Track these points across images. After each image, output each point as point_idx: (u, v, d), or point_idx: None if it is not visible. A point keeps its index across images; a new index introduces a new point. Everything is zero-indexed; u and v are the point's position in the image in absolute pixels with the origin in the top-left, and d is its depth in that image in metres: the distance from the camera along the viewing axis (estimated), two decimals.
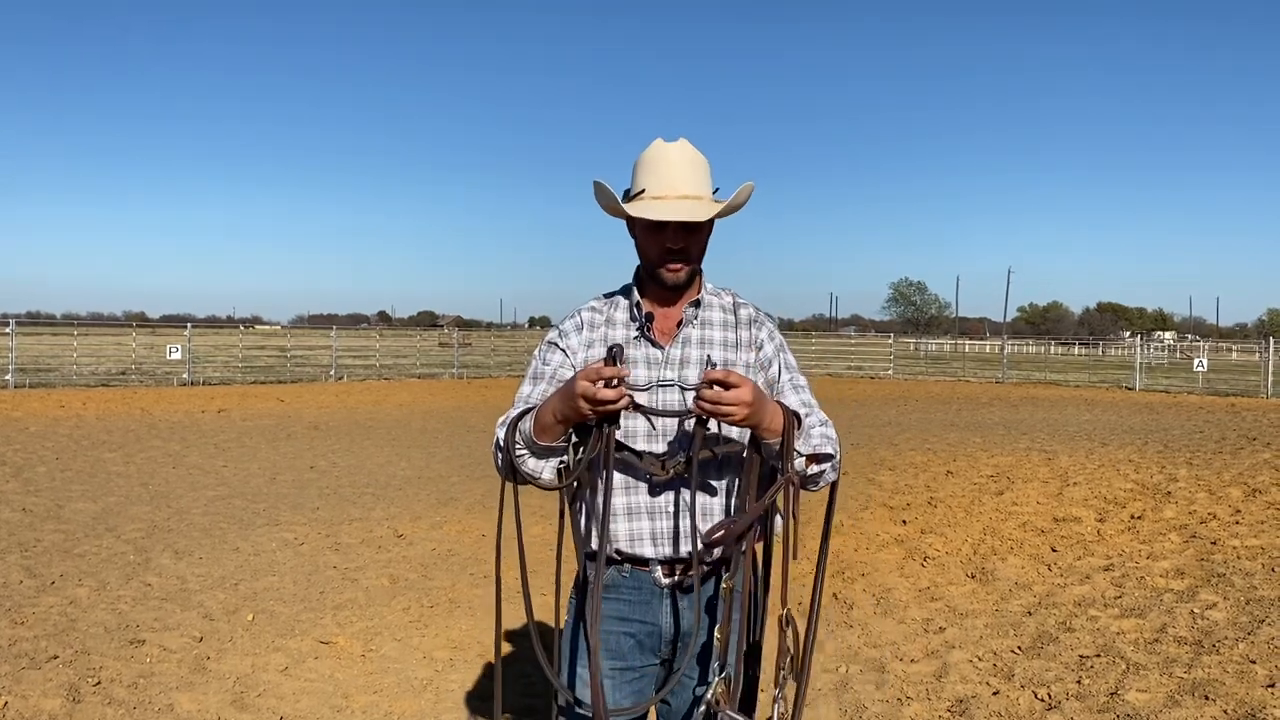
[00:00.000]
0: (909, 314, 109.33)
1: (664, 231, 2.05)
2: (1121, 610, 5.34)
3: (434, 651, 4.90)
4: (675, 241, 2.06)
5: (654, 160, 2.07)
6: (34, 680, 4.24)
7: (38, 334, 37.72)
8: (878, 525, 7.41)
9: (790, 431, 1.96)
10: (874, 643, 5.04)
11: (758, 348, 2.17)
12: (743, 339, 2.17)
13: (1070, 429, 13.74)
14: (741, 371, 2.10)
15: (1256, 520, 7.00)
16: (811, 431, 2.04)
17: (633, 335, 2.14)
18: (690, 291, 2.16)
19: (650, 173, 2.07)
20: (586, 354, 2.15)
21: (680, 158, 2.06)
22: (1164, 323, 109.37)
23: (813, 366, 33.61)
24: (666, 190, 2.04)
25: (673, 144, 2.09)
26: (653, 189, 2.05)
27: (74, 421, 15.07)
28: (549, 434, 1.98)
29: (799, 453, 1.98)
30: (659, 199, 2.04)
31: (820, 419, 2.09)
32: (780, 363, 2.18)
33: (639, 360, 2.11)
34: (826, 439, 2.06)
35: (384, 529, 7.56)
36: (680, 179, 2.05)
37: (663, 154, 2.07)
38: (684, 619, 2.07)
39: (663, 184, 2.05)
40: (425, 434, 14.37)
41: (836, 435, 2.11)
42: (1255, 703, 3.95)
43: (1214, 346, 54.74)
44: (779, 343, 2.21)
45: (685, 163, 2.06)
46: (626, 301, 2.19)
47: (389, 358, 33.50)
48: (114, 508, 8.17)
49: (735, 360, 2.13)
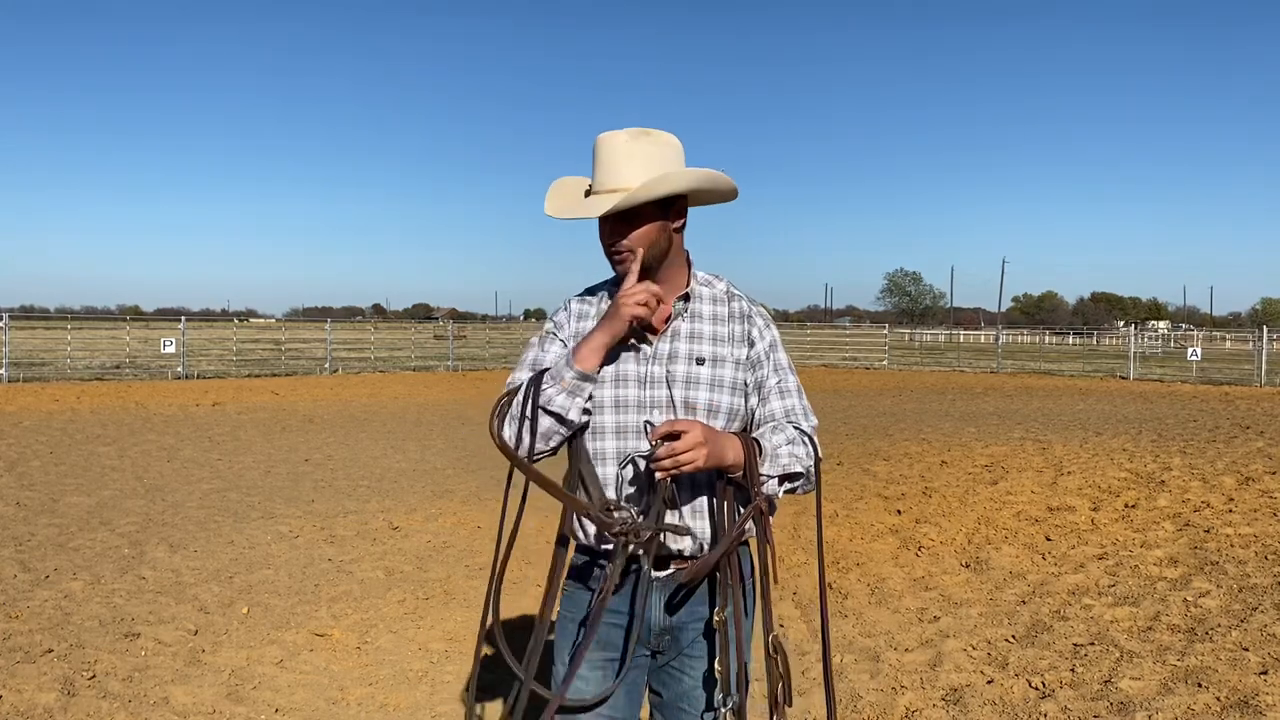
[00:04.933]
0: (904, 304, 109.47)
1: (602, 227, 2.05)
2: (1115, 599, 5.35)
3: (429, 643, 4.90)
4: (609, 237, 2.04)
5: (595, 154, 2.05)
6: (29, 674, 4.24)
7: (31, 328, 37.63)
8: (872, 515, 7.42)
9: (752, 461, 1.95)
10: (869, 632, 5.05)
11: (749, 344, 2.13)
12: (735, 333, 2.13)
13: (1065, 418, 13.76)
14: (730, 367, 2.09)
15: (1250, 508, 7.02)
16: (779, 452, 2.01)
17: None
18: (678, 284, 2.12)
19: (594, 168, 2.06)
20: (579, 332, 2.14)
21: (614, 150, 2.02)
22: (1158, 312, 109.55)
23: (808, 357, 33.63)
24: (601, 184, 2.03)
25: (613, 134, 2.04)
26: (595, 183, 2.05)
27: (68, 415, 15.02)
28: (593, 359, 1.99)
29: (767, 476, 1.97)
30: (596, 194, 2.03)
31: (788, 437, 2.04)
32: (770, 364, 2.14)
33: (626, 355, 2.08)
34: (795, 458, 2.02)
35: (379, 521, 7.55)
36: (608, 172, 2.02)
37: (600, 147, 2.04)
38: (673, 613, 2.07)
39: (600, 178, 2.03)
40: (420, 426, 14.36)
41: (811, 447, 2.07)
42: (1248, 690, 3.96)
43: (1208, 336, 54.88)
44: (770, 341, 2.16)
45: (619, 155, 2.01)
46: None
47: (384, 350, 33.43)
48: (108, 501, 8.16)
49: (724, 355, 2.10)
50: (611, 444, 2.05)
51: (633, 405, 2.06)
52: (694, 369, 2.06)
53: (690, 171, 2.02)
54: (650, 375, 2.07)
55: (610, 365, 2.07)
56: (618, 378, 2.07)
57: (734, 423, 2.09)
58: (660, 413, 2.04)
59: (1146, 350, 38.85)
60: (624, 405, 2.06)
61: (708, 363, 2.07)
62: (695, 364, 2.07)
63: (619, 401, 2.06)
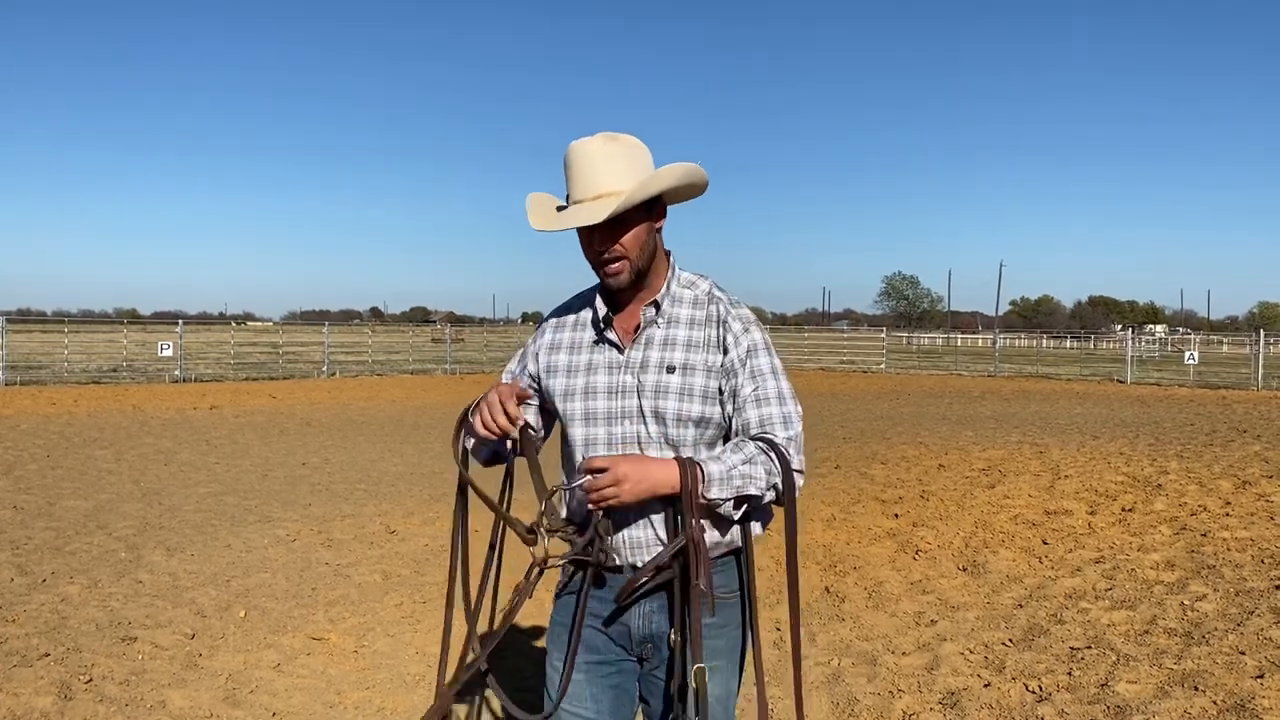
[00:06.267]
0: (901, 308, 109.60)
1: (590, 236, 1.98)
2: (1112, 602, 5.36)
3: (427, 647, 4.90)
4: (600, 244, 1.98)
5: (568, 164, 2.00)
6: (25, 678, 4.23)
7: (28, 331, 37.59)
8: (869, 519, 7.42)
9: (690, 488, 1.88)
10: (866, 636, 5.05)
11: (723, 350, 2.04)
12: (710, 338, 2.05)
13: (1062, 422, 13.78)
14: (702, 375, 2.03)
15: (1246, 512, 7.04)
16: (731, 474, 1.90)
17: (591, 339, 2.09)
18: (650, 290, 2.08)
19: (571, 178, 2.00)
20: (549, 359, 2.13)
21: (586, 159, 1.97)
22: (1155, 316, 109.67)
23: (805, 360, 33.66)
24: (581, 193, 1.98)
25: (581, 142, 1.99)
26: (575, 193, 1.99)
27: (65, 419, 15.01)
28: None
29: (718, 499, 1.90)
30: (578, 203, 1.98)
31: (745, 456, 1.93)
32: (745, 371, 2.02)
33: (598, 365, 2.06)
34: (749, 479, 1.91)
35: (376, 525, 7.55)
36: (590, 179, 1.96)
37: (573, 156, 1.98)
38: (653, 622, 2.05)
39: (581, 186, 1.97)
40: (418, 430, 14.35)
41: (777, 461, 1.94)
42: (1244, 693, 3.97)
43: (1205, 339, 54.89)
44: (749, 346, 2.03)
45: (594, 162, 1.96)
46: (592, 300, 2.12)
47: (381, 354, 33.43)
48: (105, 505, 8.15)
49: (695, 362, 2.03)
50: (580, 456, 2.05)
51: (601, 417, 2.04)
52: (664, 377, 2.01)
53: (678, 167, 2.00)
54: (621, 385, 2.04)
55: (581, 377, 2.06)
56: (588, 390, 2.05)
57: (708, 431, 2.03)
58: (630, 423, 2.02)
59: (1143, 354, 38.89)
60: (592, 417, 2.04)
61: (678, 370, 2.02)
62: (665, 372, 2.02)
63: (588, 414, 2.04)
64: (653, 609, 2.05)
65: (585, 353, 2.10)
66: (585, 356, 2.09)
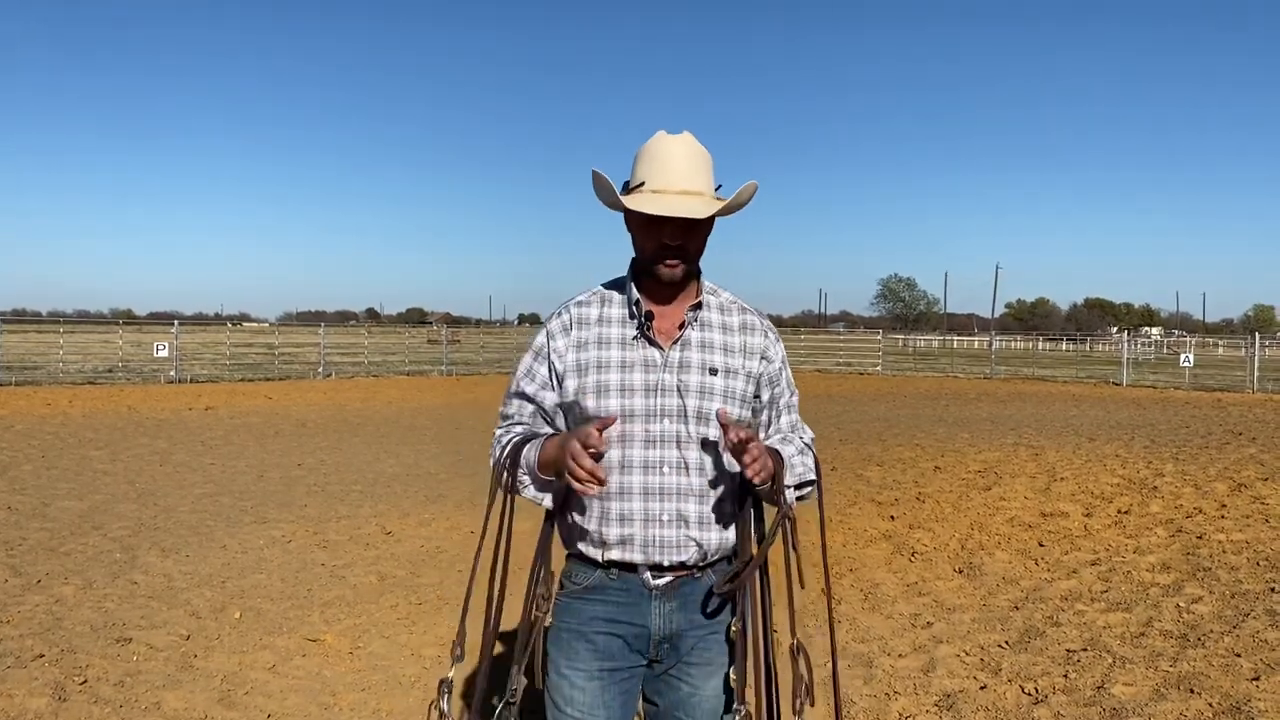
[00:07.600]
0: (898, 310, 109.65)
1: (662, 227, 1.96)
2: (1108, 604, 5.36)
3: (422, 649, 4.89)
4: (673, 238, 1.97)
5: (655, 153, 2.00)
6: (20, 679, 4.22)
7: (23, 331, 37.45)
8: (866, 520, 7.42)
9: (780, 471, 1.98)
10: (862, 638, 5.05)
11: (763, 358, 2.12)
12: (750, 345, 2.11)
13: (1058, 424, 13.80)
14: (742, 379, 2.08)
15: (1242, 515, 7.05)
16: (793, 462, 2.05)
17: (631, 335, 2.06)
18: (690, 292, 2.08)
19: (651, 165, 1.99)
20: (578, 356, 2.06)
21: (682, 151, 1.99)
22: (1151, 318, 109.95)
23: (802, 362, 33.66)
24: (666, 184, 1.97)
25: (676, 136, 2.01)
26: (652, 182, 1.97)
27: (60, 419, 14.97)
28: (549, 471, 2.01)
29: (787, 485, 1.99)
30: (658, 193, 1.96)
31: (798, 447, 2.10)
32: (784, 380, 2.17)
33: (635, 363, 2.04)
34: (806, 467, 2.09)
35: (372, 526, 7.54)
36: (681, 173, 1.97)
37: (664, 146, 1.99)
38: (673, 621, 2.05)
39: (663, 178, 1.97)
40: (414, 431, 14.33)
41: (815, 454, 2.14)
42: (1240, 696, 3.97)
43: (1200, 342, 55.00)
44: (783, 356, 2.19)
45: (687, 157, 1.98)
46: (623, 297, 2.09)
47: (377, 355, 33.40)
48: (100, 506, 8.13)
49: (736, 366, 2.07)
50: (615, 453, 2.01)
51: (639, 414, 2.02)
52: (709, 379, 2.03)
53: (754, 185, 2.04)
54: (660, 383, 2.02)
55: (615, 374, 2.04)
56: (624, 387, 2.03)
57: None
58: (670, 421, 2.01)
59: (1139, 356, 38.96)
60: (630, 415, 2.02)
61: (720, 373, 2.05)
62: (709, 374, 2.04)
63: (625, 411, 2.01)
64: (672, 607, 2.05)
65: (617, 349, 2.06)
66: (618, 353, 2.05)
